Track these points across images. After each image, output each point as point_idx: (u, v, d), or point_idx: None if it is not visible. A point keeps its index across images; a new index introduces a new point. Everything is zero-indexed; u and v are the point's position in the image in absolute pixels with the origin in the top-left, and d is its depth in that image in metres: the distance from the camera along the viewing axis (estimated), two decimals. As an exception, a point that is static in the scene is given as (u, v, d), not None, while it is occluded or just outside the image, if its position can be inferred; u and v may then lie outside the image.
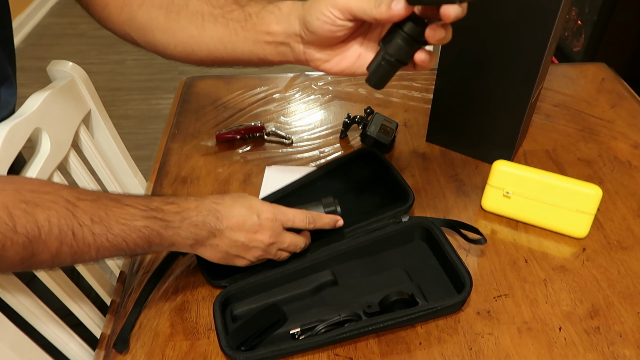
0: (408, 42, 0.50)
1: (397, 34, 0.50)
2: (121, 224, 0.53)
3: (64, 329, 0.66)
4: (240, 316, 0.65)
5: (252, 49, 0.61)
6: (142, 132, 2.34)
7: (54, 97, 0.69)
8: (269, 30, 0.58)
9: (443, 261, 0.69)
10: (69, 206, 0.51)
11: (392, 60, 0.51)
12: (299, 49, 0.57)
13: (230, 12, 0.61)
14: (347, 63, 0.57)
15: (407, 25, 0.49)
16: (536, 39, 0.72)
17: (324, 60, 0.57)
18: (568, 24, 2.00)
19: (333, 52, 0.56)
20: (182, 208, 0.58)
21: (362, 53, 0.56)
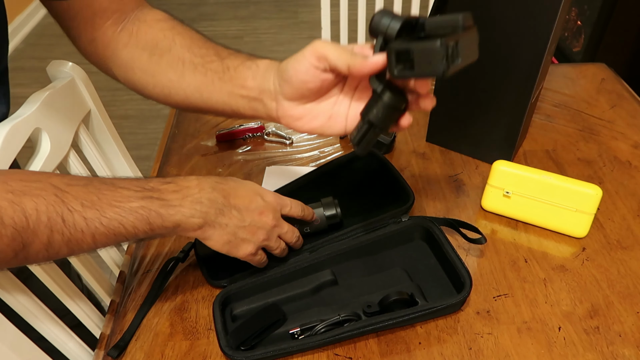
0: (388, 110, 0.51)
1: (377, 103, 0.51)
2: (115, 207, 0.52)
3: (63, 329, 0.66)
4: (240, 316, 0.65)
5: (227, 100, 0.62)
6: (142, 132, 2.34)
7: (54, 97, 0.69)
8: (245, 85, 0.60)
9: (443, 261, 0.69)
10: (57, 192, 0.50)
11: (374, 128, 0.52)
12: (271, 105, 0.59)
13: (210, 63, 0.63)
14: (318, 123, 0.58)
15: (387, 95, 0.50)
16: (536, 39, 0.72)
17: (295, 117, 0.58)
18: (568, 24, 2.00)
19: (305, 110, 0.58)
20: (180, 187, 0.57)
21: (333, 115, 0.58)
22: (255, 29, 3.10)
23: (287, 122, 0.59)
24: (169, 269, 0.70)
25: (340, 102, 0.58)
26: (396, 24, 0.49)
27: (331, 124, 0.58)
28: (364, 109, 0.52)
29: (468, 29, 0.47)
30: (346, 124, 0.58)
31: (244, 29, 3.11)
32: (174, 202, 0.55)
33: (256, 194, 0.62)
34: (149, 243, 0.76)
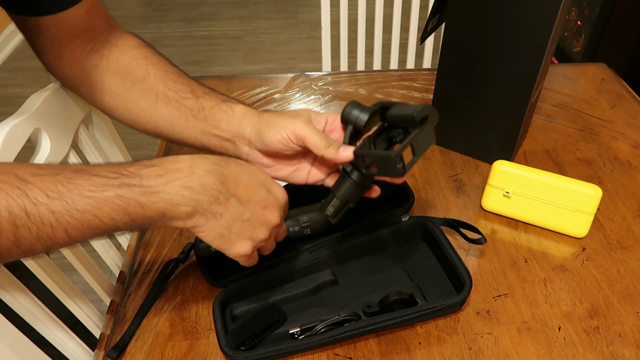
0: (358, 187, 0.58)
1: (347, 181, 0.58)
2: (86, 197, 0.47)
3: (63, 329, 0.66)
4: (240, 316, 0.65)
5: (198, 137, 0.63)
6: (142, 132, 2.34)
7: (54, 97, 0.69)
8: (218, 126, 0.62)
9: (443, 261, 0.69)
10: (21, 185, 0.46)
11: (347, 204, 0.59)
12: (243, 149, 0.62)
13: (184, 99, 0.64)
14: (284, 173, 0.63)
15: (355, 175, 0.57)
16: (536, 39, 0.72)
17: (264, 165, 0.62)
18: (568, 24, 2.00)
19: (274, 162, 0.62)
20: (166, 169, 0.50)
21: (298, 169, 0.63)
22: (255, 29, 3.10)
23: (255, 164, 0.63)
24: (169, 270, 0.70)
25: (305, 161, 0.63)
26: (364, 116, 0.56)
27: (295, 175, 0.63)
28: (334, 186, 0.59)
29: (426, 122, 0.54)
30: (308, 177, 0.64)
31: (244, 29, 3.11)
32: (156, 187, 0.49)
33: (261, 184, 0.54)
34: (148, 243, 0.76)
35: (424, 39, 0.86)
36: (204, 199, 0.50)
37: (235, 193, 0.52)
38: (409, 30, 1.46)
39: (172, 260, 0.70)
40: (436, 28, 0.86)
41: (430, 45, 1.48)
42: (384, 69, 1.41)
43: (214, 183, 0.51)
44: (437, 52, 0.89)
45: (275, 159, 0.62)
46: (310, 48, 2.91)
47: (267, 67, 2.75)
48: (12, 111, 0.65)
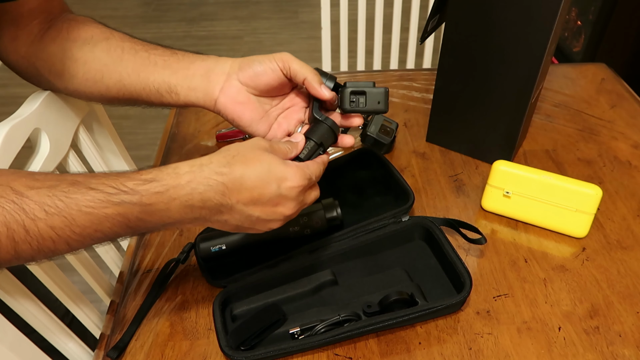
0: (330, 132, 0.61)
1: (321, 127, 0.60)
2: (86, 214, 0.46)
3: (63, 329, 0.66)
4: (240, 316, 0.65)
5: (166, 78, 0.62)
6: (142, 132, 2.34)
7: (54, 97, 0.69)
8: (191, 66, 0.62)
9: (443, 261, 0.69)
10: (17, 199, 0.45)
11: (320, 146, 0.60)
12: (217, 82, 0.61)
13: (153, 49, 0.64)
14: (249, 117, 0.62)
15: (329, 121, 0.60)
16: (536, 39, 0.72)
17: (237, 101, 0.61)
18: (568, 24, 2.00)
19: (248, 100, 0.61)
20: (166, 186, 0.49)
21: (264, 117, 0.63)
22: (255, 29, 3.10)
23: (224, 102, 0.61)
24: (169, 270, 0.70)
25: (273, 111, 0.64)
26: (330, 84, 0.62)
27: (258, 124, 0.62)
28: (308, 133, 0.60)
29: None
30: (268, 130, 0.63)
31: (244, 29, 3.11)
32: (157, 205, 0.49)
33: (270, 181, 0.51)
34: (148, 243, 0.76)
35: (424, 39, 0.86)
36: (205, 213, 0.51)
37: (240, 200, 0.51)
38: (409, 30, 1.46)
39: (172, 260, 0.70)
40: (436, 28, 0.86)
41: (430, 45, 1.48)
42: (384, 69, 1.42)
43: (215, 197, 0.50)
44: (437, 52, 0.90)
45: (250, 97, 0.61)
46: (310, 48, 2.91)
47: (267, 67, 2.75)
48: (12, 111, 0.65)
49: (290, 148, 0.57)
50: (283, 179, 0.51)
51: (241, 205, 0.51)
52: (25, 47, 0.65)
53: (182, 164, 0.50)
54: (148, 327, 0.65)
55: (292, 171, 0.52)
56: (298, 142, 0.58)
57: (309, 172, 0.54)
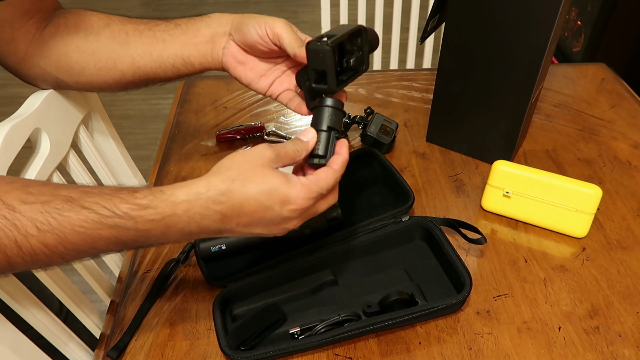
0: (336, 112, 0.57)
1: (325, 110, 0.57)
2: (79, 233, 0.46)
3: (63, 329, 0.66)
4: (240, 316, 0.65)
5: (178, 52, 0.64)
6: (142, 132, 2.34)
7: (54, 97, 0.69)
8: (198, 33, 0.63)
9: (443, 261, 0.69)
10: (8, 214, 0.44)
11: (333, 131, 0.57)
12: (219, 45, 0.63)
13: (156, 26, 0.65)
14: (252, 75, 0.63)
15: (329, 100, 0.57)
16: (536, 39, 0.72)
17: (238, 61, 0.63)
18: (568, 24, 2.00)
19: (247, 59, 0.63)
20: (162, 214, 0.47)
21: (265, 76, 0.64)
22: (255, 29, 3.10)
23: (227, 60, 0.63)
24: (169, 270, 0.70)
25: (274, 70, 0.64)
26: None
27: (260, 82, 0.64)
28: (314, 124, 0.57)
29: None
30: (269, 88, 0.64)
31: (244, 29, 3.11)
32: (153, 231, 0.48)
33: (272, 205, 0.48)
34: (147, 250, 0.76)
35: (424, 39, 0.86)
36: (204, 235, 0.51)
37: (240, 223, 0.49)
38: (409, 30, 1.46)
39: (172, 260, 0.70)
40: (436, 28, 0.86)
41: (430, 45, 1.48)
42: (384, 68, 1.41)
43: (213, 224, 0.49)
44: (437, 52, 0.90)
45: (248, 56, 0.63)
46: (310, 48, 2.90)
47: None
48: (12, 111, 0.65)
49: (299, 149, 0.53)
50: (285, 202, 0.49)
51: (240, 227, 0.50)
52: (24, 47, 0.64)
53: (178, 190, 0.48)
54: (148, 327, 0.65)
55: (295, 192, 0.49)
56: (308, 141, 0.54)
57: (317, 187, 0.50)
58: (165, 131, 0.97)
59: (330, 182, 0.52)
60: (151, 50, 0.64)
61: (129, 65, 0.64)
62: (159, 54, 0.64)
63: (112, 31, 0.65)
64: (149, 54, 0.64)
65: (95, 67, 0.65)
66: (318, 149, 0.55)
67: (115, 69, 0.65)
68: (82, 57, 0.64)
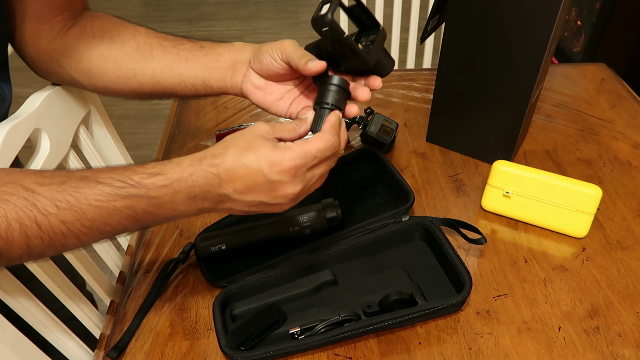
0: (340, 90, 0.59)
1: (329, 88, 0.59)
2: (95, 207, 0.48)
3: (63, 330, 0.66)
4: (240, 316, 0.65)
5: (199, 73, 0.65)
6: (142, 132, 2.34)
7: (54, 97, 0.69)
8: (220, 58, 0.65)
9: (443, 261, 0.69)
10: (28, 195, 0.46)
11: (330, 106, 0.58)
12: (240, 72, 0.65)
13: (181, 44, 0.66)
14: (271, 98, 0.65)
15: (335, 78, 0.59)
16: (536, 39, 0.72)
17: (256, 86, 0.64)
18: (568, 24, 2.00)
19: (265, 85, 0.65)
20: (170, 179, 0.50)
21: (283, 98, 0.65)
22: (255, 29, 3.10)
23: (246, 87, 0.65)
24: (169, 270, 0.70)
25: (292, 92, 0.66)
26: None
27: (279, 104, 0.65)
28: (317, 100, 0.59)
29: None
30: (287, 109, 0.65)
31: (244, 29, 3.11)
32: (164, 198, 0.50)
33: (260, 167, 0.50)
34: (148, 243, 0.76)
35: (424, 39, 0.86)
36: (208, 204, 0.52)
37: (235, 189, 0.51)
38: (409, 30, 1.46)
39: (172, 260, 0.70)
40: (436, 28, 0.86)
41: (430, 45, 1.48)
42: (384, 69, 1.41)
43: (212, 188, 0.51)
44: (437, 52, 0.89)
45: (266, 81, 0.65)
46: (310, 48, 2.90)
47: (267, 67, 2.75)
48: (12, 111, 0.65)
49: (297, 124, 0.56)
50: (272, 164, 0.50)
51: (238, 194, 0.51)
52: (47, 42, 0.65)
53: (184, 158, 0.52)
54: (148, 327, 0.65)
55: (279, 153, 0.51)
56: (307, 117, 0.58)
57: (303, 149, 0.51)
58: (165, 131, 0.97)
59: (319, 145, 0.52)
60: (173, 67, 0.65)
61: (148, 78, 0.66)
62: (179, 72, 0.65)
63: (137, 43, 0.66)
64: (170, 70, 0.65)
65: (115, 74, 0.66)
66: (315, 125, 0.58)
67: (134, 80, 0.66)
68: (104, 63, 0.66)
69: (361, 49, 0.58)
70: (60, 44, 0.66)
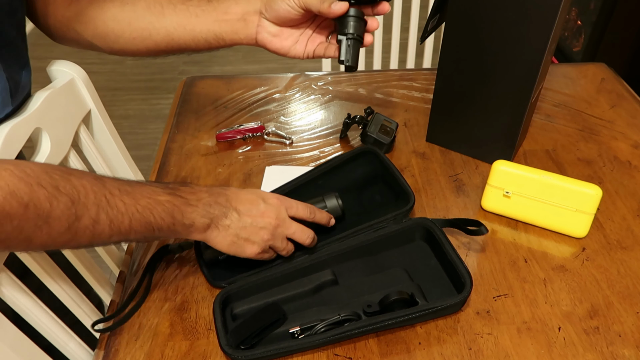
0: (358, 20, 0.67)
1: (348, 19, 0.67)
2: (146, 197, 0.56)
3: (63, 329, 0.66)
4: (240, 315, 0.65)
5: (211, 28, 0.69)
6: (142, 132, 2.34)
7: (54, 97, 0.69)
8: (228, 10, 0.68)
9: (443, 261, 0.69)
10: (97, 178, 0.53)
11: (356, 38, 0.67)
12: (253, 23, 0.68)
13: (189, 0, 0.69)
14: (287, 43, 0.69)
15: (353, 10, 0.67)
16: (536, 39, 0.72)
17: (272, 34, 0.68)
18: (568, 24, 2.00)
19: (280, 31, 0.68)
20: (195, 190, 0.61)
21: (299, 41, 0.70)
22: (255, 29, 3.10)
23: (262, 37, 0.69)
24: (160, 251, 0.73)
25: (305, 34, 0.71)
26: None
27: (296, 47, 0.71)
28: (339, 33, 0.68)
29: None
30: (304, 50, 0.72)
31: None
32: (192, 201, 0.60)
33: (258, 198, 0.64)
34: (149, 243, 0.76)
35: (424, 39, 0.86)
36: (217, 214, 0.61)
37: (237, 208, 0.63)
38: (409, 30, 1.46)
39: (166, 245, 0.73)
40: (436, 28, 0.86)
41: (430, 45, 1.48)
42: (384, 68, 1.42)
43: (222, 201, 0.62)
44: (437, 52, 0.90)
45: (281, 28, 0.68)
46: (310, 48, 2.90)
47: (267, 67, 2.75)
48: (13, 111, 0.65)
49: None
50: (267, 198, 0.65)
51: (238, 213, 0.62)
52: (62, 10, 0.68)
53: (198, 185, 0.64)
54: (148, 327, 0.65)
55: (271, 194, 0.66)
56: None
57: (288, 198, 0.67)
58: (165, 131, 0.97)
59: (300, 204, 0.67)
60: (185, 24, 0.68)
61: (163, 36, 0.69)
62: (192, 28, 0.69)
63: (148, 2, 0.69)
64: (183, 27, 0.68)
65: (131, 36, 0.69)
66: (344, 54, 0.67)
67: (149, 39, 0.69)
68: (118, 26, 0.69)
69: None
70: (74, 10, 0.68)
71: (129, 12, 0.69)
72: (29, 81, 0.68)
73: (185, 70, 2.73)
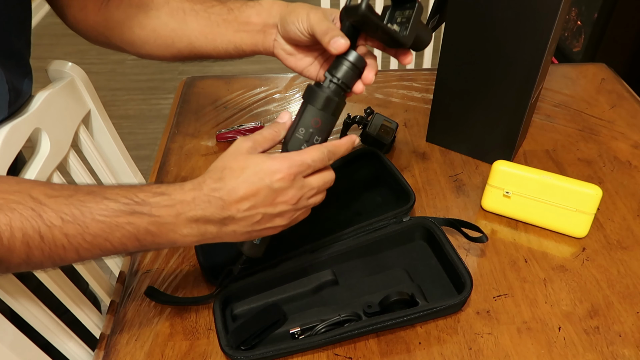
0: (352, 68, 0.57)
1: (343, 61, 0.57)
2: (99, 222, 0.48)
3: (63, 329, 0.66)
4: (241, 315, 0.65)
5: (231, 39, 0.68)
6: (142, 132, 2.34)
7: (54, 97, 0.69)
8: (249, 21, 0.67)
9: (443, 261, 0.69)
10: (35, 206, 0.47)
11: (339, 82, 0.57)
12: (271, 36, 0.67)
13: (211, 7, 0.68)
14: (302, 64, 0.67)
15: (352, 55, 0.57)
16: (536, 39, 0.72)
17: (287, 52, 0.66)
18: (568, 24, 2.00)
19: (296, 51, 0.66)
20: (174, 201, 0.51)
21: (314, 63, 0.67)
22: None
23: (278, 52, 0.67)
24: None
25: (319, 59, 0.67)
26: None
27: (310, 69, 0.67)
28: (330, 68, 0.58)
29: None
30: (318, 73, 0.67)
31: None
32: (166, 219, 0.50)
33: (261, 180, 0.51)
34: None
35: (424, 39, 0.86)
36: (211, 228, 0.52)
37: (239, 208, 0.52)
38: (409, 30, 1.45)
39: None
40: (436, 28, 0.86)
41: (430, 45, 1.48)
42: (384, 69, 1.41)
43: (216, 212, 0.51)
44: (437, 52, 0.89)
45: (296, 48, 0.66)
46: (310, 48, 2.90)
47: (267, 67, 2.75)
48: (12, 111, 0.65)
49: (277, 130, 0.56)
50: (272, 173, 0.52)
51: (242, 213, 0.52)
52: (93, 15, 0.69)
53: (187, 182, 0.53)
54: (148, 327, 0.65)
55: (277, 162, 0.52)
56: (285, 122, 0.57)
57: (299, 156, 0.53)
58: (165, 131, 0.97)
59: (314, 154, 0.54)
60: (206, 33, 0.68)
61: (185, 44, 0.69)
62: (213, 38, 0.68)
63: (171, 9, 0.69)
64: (205, 36, 0.68)
65: (155, 43, 0.70)
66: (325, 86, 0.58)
67: (173, 47, 0.70)
68: (144, 33, 0.69)
69: (397, 31, 0.56)
70: (103, 16, 0.69)
71: (153, 18, 0.69)
72: (30, 89, 0.68)
73: (185, 71, 2.73)
